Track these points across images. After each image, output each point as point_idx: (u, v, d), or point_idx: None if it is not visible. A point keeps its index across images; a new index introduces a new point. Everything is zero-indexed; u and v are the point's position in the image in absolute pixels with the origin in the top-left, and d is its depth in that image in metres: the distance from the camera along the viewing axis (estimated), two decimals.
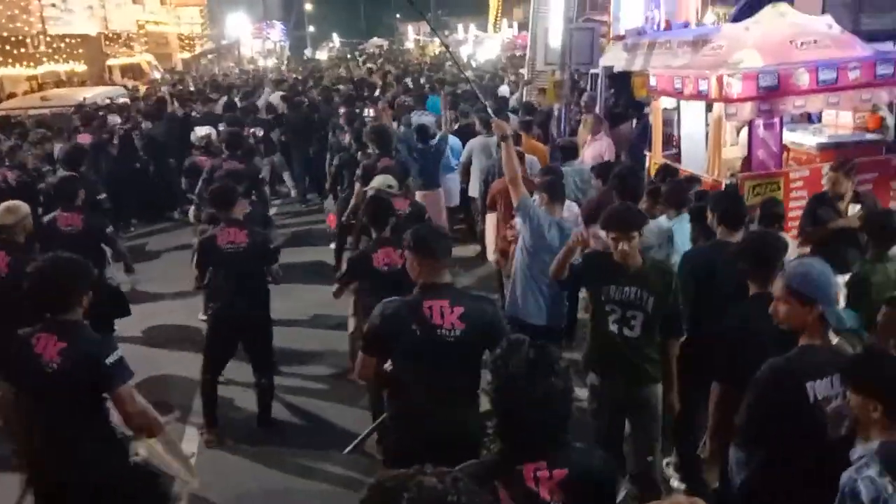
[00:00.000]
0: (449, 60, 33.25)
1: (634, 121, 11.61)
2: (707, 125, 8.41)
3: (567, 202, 5.73)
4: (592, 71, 13.19)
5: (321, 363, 6.97)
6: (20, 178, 8.36)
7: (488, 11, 46.00)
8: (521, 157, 6.45)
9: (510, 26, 41.63)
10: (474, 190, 9.24)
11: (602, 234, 4.46)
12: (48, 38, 19.61)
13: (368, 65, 27.87)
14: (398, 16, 61.46)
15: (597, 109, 10.92)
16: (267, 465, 5.44)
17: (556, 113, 10.81)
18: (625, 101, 12.14)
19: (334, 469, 5.29)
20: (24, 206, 5.60)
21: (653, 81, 8.58)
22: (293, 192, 13.37)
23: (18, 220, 5.45)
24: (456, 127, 10.50)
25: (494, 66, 26.10)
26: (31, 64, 18.97)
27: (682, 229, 5.36)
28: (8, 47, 17.77)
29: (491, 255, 6.97)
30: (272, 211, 12.65)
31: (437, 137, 9.08)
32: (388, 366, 3.64)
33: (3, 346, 3.60)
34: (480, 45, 37.63)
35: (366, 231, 5.63)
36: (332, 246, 9.10)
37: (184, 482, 3.90)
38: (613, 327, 4.25)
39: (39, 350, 3.40)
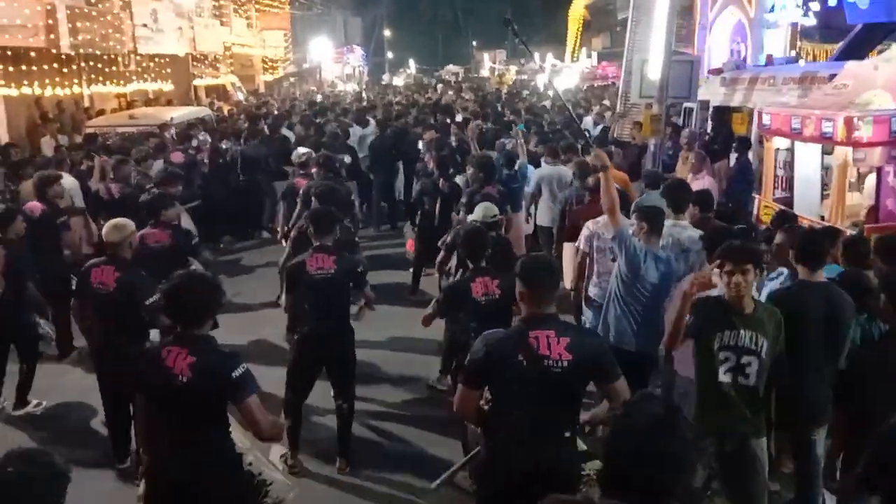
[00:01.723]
0: (525, 89, 33.66)
1: (734, 158, 11.08)
2: (823, 168, 7.87)
3: None
4: (687, 105, 12.75)
5: (403, 387, 6.92)
6: (123, 190, 8.59)
7: (566, 40, 45.73)
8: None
9: (589, 56, 41.21)
10: (542, 219, 9.30)
11: None
12: (138, 58, 19.95)
13: (449, 92, 27.75)
14: (474, 43, 61.74)
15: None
16: (351, 495, 5.36)
17: (651, 148, 10.32)
18: (723, 137, 11.62)
19: (421, 502, 5.16)
20: (130, 224, 5.65)
21: (766, 120, 8.06)
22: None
23: (125, 237, 5.49)
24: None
25: (574, 96, 25.68)
26: (121, 82, 19.27)
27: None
28: (100, 65, 18.08)
29: (568, 283, 6.84)
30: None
31: (518, 164, 9.29)
32: (483, 401, 3.61)
33: (116, 354, 3.92)
34: (558, 75, 37.22)
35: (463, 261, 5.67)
36: (411, 270, 9.32)
37: (287, 488, 4.07)
38: (726, 377, 4.02)
39: (170, 363, 3.56)
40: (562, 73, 38.01)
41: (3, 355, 6.67)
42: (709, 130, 12.05)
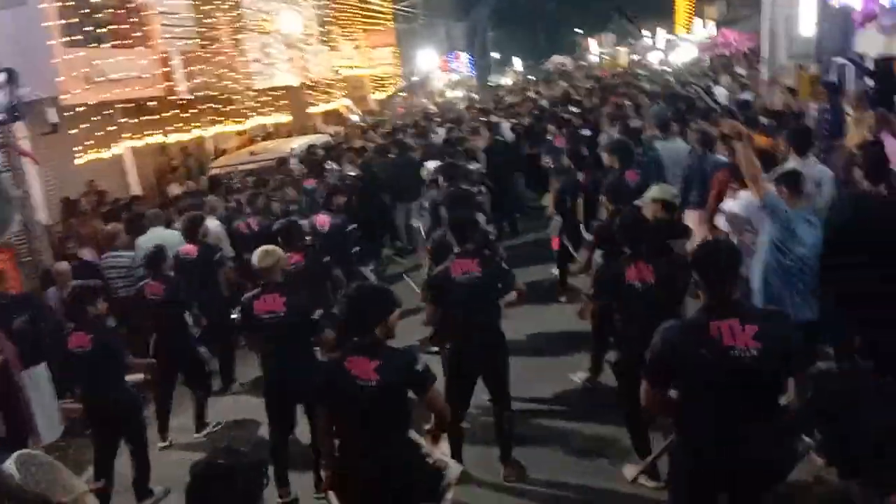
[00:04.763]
0: (641, 69, 32.30)
1: None
2: None
3: None
4: (839, 60, 11.48)
5: (561, 385, 6.81)
6: (261, 224, 9.08)
7: (674, 13, 43.59)
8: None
9: (704, 26, 39.12)
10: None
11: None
12: (254, 93, 20.16)
13: (562, 82, 26.80)
14: (580, 31, 60.07)
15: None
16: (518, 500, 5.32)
17: (814, 113, 9.16)
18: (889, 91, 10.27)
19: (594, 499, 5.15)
20: (279, 249, 5.94)
21: None
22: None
23: (276, 261, 5.73)
24: None
25: (698, 68, 24.34)
26: (240, 119, 19.52)
27: None
28: (218, 106, 18.35)
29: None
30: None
31: (643, 141, 9.27)
32: (672, 393, 3.52)
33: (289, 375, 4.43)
34: (673, 49, 35.58)
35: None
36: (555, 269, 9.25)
37: (456, 470, 4.18)
38: None
39: (356, 372, 3.75)
40: (678, 47, 36.35)
41: (171, 383, 7.12)
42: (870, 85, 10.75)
